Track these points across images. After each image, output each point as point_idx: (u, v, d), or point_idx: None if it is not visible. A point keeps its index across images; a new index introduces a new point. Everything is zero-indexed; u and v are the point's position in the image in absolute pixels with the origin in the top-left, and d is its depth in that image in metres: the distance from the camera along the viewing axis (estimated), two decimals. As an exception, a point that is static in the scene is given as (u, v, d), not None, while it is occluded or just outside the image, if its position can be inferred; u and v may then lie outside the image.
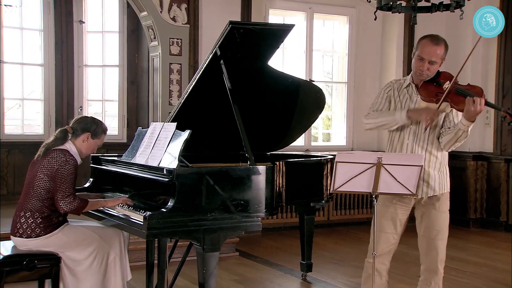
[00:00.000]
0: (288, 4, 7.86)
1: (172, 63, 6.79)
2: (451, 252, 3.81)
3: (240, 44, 4.13)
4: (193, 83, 4.34)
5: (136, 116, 7.71)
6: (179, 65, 6.82)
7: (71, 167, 3.76)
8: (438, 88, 3.52)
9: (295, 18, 7.98)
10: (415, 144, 3.62)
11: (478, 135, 7.97)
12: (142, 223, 3.51)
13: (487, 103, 3.38)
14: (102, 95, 7.74)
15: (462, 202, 7.89)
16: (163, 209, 3.54)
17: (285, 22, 7.96)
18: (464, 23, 7.97)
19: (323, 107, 5.14)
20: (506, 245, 7.22)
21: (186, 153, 3.84)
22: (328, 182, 4.91)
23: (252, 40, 4.18)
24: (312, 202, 4.85)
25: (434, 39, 3.62)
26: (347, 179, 3.38)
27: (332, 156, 5.04)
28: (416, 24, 5.49)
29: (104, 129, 4.04)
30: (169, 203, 3.57)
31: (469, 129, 3.47)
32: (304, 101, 4.96)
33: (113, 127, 7.76)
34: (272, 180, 3.95)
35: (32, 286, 4.08)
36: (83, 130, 3.91)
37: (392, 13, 5.32)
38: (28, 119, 7.79)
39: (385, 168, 3.31)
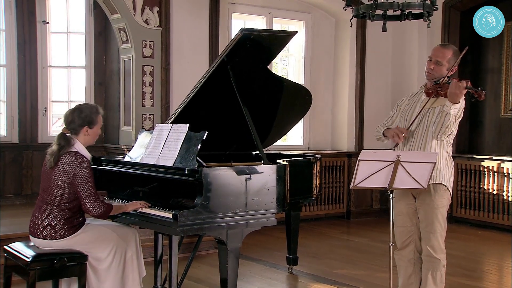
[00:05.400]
0: (249, 8, 8.12)
1: (145, 65, 6.87)
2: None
3: (248, 49, 4.35)
4: (199, 87, 4.50)
5: (104, 118, 7.67)
6: (152, 67, 6.91)
7: (87, 169, 3.84)
8: (438, 85, 4.00)
9: (256, 22, 8.25)
10: (416, 136, 4.03)
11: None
12: (171, 220, 3.66)
13: (468, 87, 3.80)
14: (67, 96, 7.68)
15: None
16: (192, 207, 3.72)
17: (246, 26, 8.24)
18: (408, 35, 8.60)
19: (309, 108, 5.43)
20: (450, 234, 7.82)
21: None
22: (317, 180, 5.23)
23: (259, 45, 4.41)
24: (305, 199, 5.11)
25: (444, 44, 4.18)
26: (367, 175, 3.69)
27: (320, 156, 5.37)
28: (386, 31, 5.88)
29: (96, 111, 4.04)
30: (196, 201, 3.75)
31: (451, 112, 3.80)
32: (292, 102, 5.23)
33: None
34: (284, 178, 4.22)
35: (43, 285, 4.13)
36: (80, 125, 3.95)
37: (371, 21, 5.69)
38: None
39: (402, 165, 3.66)
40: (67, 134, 3.93)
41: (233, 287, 3.96)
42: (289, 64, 8.90)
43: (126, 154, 4.72)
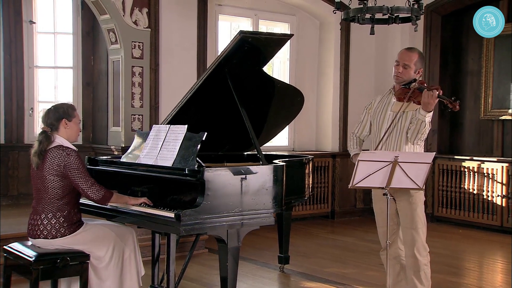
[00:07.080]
0: (236, 10, 8.19)
1: (134, 66, 6.90)
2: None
3: (246, 51, 4.43)
4: (196, 88, 4.55)
5: (92, 118, 7.70)
6: (141, 68, 6.94)
7: (75, 158, 3.86)
8: (408, 89, 4.14)
9: (242, 23, 8.33)
10: (390, 140, 4.18)
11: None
12: (174, 220, 3.72)
13: (439, 96, 3.95)
14: (54, 96, 7.65)
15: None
16: (193, 207, 3.78)
17: (232, 28, 8.32)
18: (391, 38, 8.76)
19: (300, 109, 5.52)
20: (432, 233, 8.01)
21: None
22: (309, 180, 5.32)
23: (256, 48, 4.49)
24: (298, 199, 5.20)
25: (410, 48, 4.35)
26: (365, 175, 3.79)
27: (312, 156, 5.46)
28: (374, 34, 6.01)
29: (71, 106, 4.08)
30: (197, 201, 3.80)
31: (427, 120, 3.99)
32: (284, 104, 5.32)
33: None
34: (282, 178, 4.29)
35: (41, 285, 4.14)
36: (57, 120, 3.95)
37: (360, 24, 5.80)
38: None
39: (400, 166, 3.77)
40: (48, 132, 3.93)
41: (233, 286, 4.03)
42: (274, 66, 8.98)
43: (115, 155, 4.75)
